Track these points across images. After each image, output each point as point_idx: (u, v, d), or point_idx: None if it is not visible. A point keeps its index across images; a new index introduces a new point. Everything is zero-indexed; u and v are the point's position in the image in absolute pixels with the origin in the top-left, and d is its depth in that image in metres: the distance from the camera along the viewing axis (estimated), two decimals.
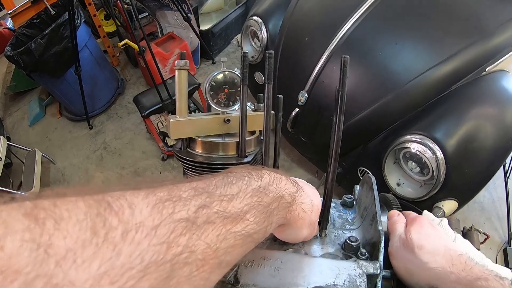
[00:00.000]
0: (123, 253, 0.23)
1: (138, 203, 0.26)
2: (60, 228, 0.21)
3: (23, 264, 0.19)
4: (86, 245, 0.21)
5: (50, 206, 0.22)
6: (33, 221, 0.20)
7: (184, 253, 0.27)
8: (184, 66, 0.59)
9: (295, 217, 0.46)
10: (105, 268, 0.22)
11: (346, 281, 0.47)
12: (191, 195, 0.31)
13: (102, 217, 0.23)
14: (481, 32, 1.54)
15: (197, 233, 0.29)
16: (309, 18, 1.92)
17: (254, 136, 0.64)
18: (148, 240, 0.25)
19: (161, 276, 0.25)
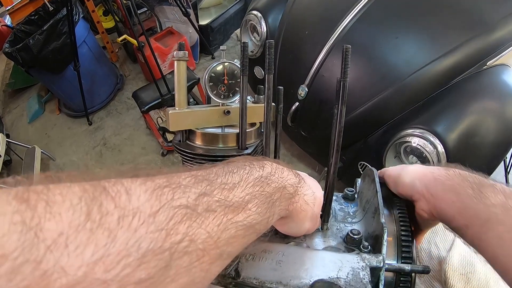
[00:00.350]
0: (119, 240, 0.22)
1: (136, 189, 0.25)
2: (52, 211, 0.20)
3: (11, 248, 0.17)
4: (79, 230, 0.20)
5: (43, 189, 0.20)
6: (24, 203, 0.19)
7: (184, 242, 0.26)
8: (183, 57, 0.58)
9: (297, 209, 0.45)
10: (99, 255, 0.20)
11: (349, 274, 0.46)
12: (191, 182, 0.30)
13: (97, 202, 0.22)
14: (482, 26, 1.53)
15: (197, 221, 0.28)
16: (309, 12, 1.91)
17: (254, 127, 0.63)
18: (145, 227, 0.24)
19: (159, 265, 0.24)
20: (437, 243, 0.96)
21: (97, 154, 2.87)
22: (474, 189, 0.49)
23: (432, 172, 0.57)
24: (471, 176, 0.52)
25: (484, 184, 0.50)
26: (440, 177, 0.55)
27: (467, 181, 0.51)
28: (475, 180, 0.51)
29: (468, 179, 0.51)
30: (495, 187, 0.48)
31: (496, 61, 1.55)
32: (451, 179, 0.53)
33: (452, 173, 0.54)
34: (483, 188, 0.49)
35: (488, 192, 0.48)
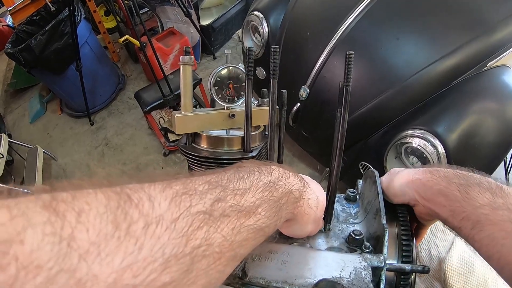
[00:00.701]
0: (145, 247, 0.23)
1: (156, 196, 0.26)
2: (81, 221, 0.21)
3: (45, 258, 0.18)
4: (108, 239, 0.21)
5: (69, 198, 0.21)
6: (53, 213, 0.20)
7: (203, 246, 0.28)
8: (189, 61, 0.59)
9: (301, 212, 0.47)
10: (128, 261, 0.22)
11: (352, 274, 0.47)
12: (206, 188, 0.32)
13: (123, 210, 0.23)
14: (483, 27, 1.54)
15: (214, 226, 0.29)
16: (311, 13, 1.92)
17: (259, 131, 0.64)
18: (168, 234, 0.25)
19: (181, 269, 0.25)
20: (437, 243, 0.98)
21: (99, 154, 2.88)
22: (461, 191, 0.50)
23: (419, 178, 0.57)
24: (456, 176, 0.53)
25: (470, 183, 0.50)
26: (427, 182, 0.56)
27: (453, 183, 0.52)
28: (461, 181, 0.51)
29: (454, 180, 0.52)
30: (481, 186, 0.49)
31: (497, 62, 1.56)
32: (438, 183, 0.54)
33: (437, 177, 0.55)
34: (469, 189, 0.49)
35: (474, 192, 0.49)
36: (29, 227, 0.19)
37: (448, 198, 0.51)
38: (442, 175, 0.54)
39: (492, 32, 1.52)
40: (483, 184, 0.49)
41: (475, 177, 0.52)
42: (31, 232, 0.18)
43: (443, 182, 0.53)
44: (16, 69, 3.52)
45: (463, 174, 0.53)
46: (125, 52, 3.71)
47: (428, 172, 0.57)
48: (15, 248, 0.18)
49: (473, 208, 0.47)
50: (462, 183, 0.51)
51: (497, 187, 0.48)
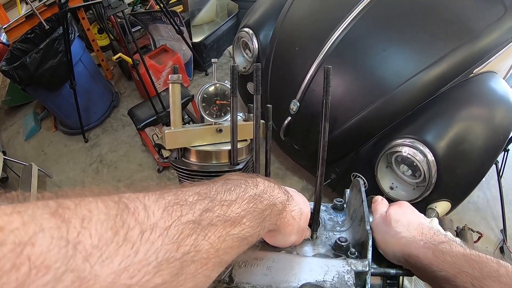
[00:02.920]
0: (140, 251, 0.26)
1: (151, 205, 0.29)
2: (85, 226, 0.23)
3: (53, 259, 0.21)
4: (108, 243, 0.24)
5: (72, 205, 0.24)
6: (60, 219, 0.22)
7: (191, 252, 0.30)
8: (177, 80, 0.62)
9: (284, 223, 0.49)
10: (125, 264, 0.24)
11: (334, 277, 0.49)
12: (196, 199, 0.35)
13: (121, 218, 0.26)
14: (467, 35, 1.58)
15: (202, 234, 0.32)
16: (299, 28, 1.96)
17: (245, 144, 0.67)
18: (161, 240, 0.28)
19: (172, 272, 0.28)
20: None
21: (93, 171, 2.88)
22: (475, 286, 0.44)
23: (417, 256, 0.52)
24: (468, 264, 0.46)
25: (486, 275, 0.44)
26: (429, 265, 0.50)
27: (465, 273, 0.46)
28: (475, 273, 0.45)
29: (466, 270, 0.46)
30: (501, 280, 0.43)
31: (483, 69, 1.60)
32: (444, 270, 0.48)
33: (442, 261, 0.49)
34: (486, 283, 0.43)
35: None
36: (40, 232, 0.21)
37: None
38: (450, 260, 0.48)
39: (477, 39, 1.56)
40: (502, 279, 0.43)
41: (492, 267, 0.45)
42: (41, 236, 0.21)
43: (451, 269, 0.47)
44: (11, 86, 3.53)
45: (477, 261, 0.46)
46: (118, 69, 3.73)
47: (429, 250, 0.51)
48: (28, 250, 0.20)
49: None
50: (476, 275, 0.45)
51: None
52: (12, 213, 0.21)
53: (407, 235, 0.56)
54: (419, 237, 0.55)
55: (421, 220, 0.60)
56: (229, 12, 3.72)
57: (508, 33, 1.59)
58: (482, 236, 1.82)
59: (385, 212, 0.63)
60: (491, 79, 1.61)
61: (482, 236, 1.82)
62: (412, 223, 0.58)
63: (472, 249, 0.49)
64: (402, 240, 0.56)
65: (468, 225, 1.80)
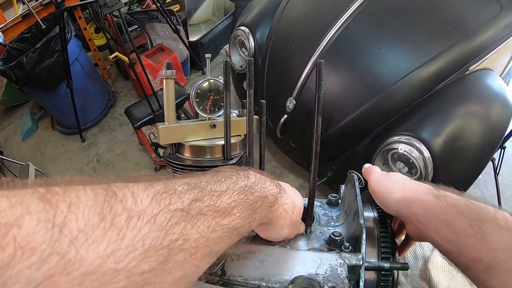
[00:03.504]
0: (126, 237, 0.26)
1: (139, 193, 0.29)
2: (72, 211, 0.23)
3: (39, 241, 0.21)
4: (95, 228, 0.24)
5: (61, 191, 0.24)
6: (48, 203, 0.23)
7: (179, 240, 0.30)
8: (171, 75, 0.62)
9: (276, 216, 0.49)
10: (111, 249, 0.24)
11: (327, 271, 0.49)
12: (185, 189, 0.35)
13: (108, 204, 0.26)
14: (463, 32, 1.58)
15: (190, 223, 0.32)
16: (295, 26, 1.96)
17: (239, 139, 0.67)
18: (148, 227, 0.28)
19: (159, 260, 0.28)
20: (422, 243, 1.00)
21: (91, 171, 2.89)
22: (473, 227, 0.44)
23: (421, 200, 0.52)
24: (467, 207, 0.47)
25: (484, 218, 0.45)
26: (431, 209, 0.50)
27: (463, 215, 0.46)
28: (473, 214, 0.46)
29: (465, 212, 0.46)
30: (498, 222, 0.43)
31: (479, 66, 1.60)
32: (444, 212, 0.49)
33: (444, 204, 0.49)
34: (483, 225, 0.44)
35: (490, 230, 0.43)
36: (26, 214, 0.21)
37: (455, 231, 0.47)
38: (451, 203, 0.49)
39: (473, 36, 1.57)
40: (499, 221, 0.44)
41: (489, 210, 0.46)
42: (28, 218, 0.21)
43: (450, 211, 0.48)
44: (8, 86, 3.52)
45: (475, 205, 0.47)
46: (115, 69, 3.74)
47: (432, 195, 0.51)
48: (14, 231, 0.20)
49: (488, 249, 0.42)
50: (474, 216, 0.45)
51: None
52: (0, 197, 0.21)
53: (411, 184, 0.56)
54: (423, 185, 0.55)
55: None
56: (226, 11, 3.72)
57: (504, 30, 1.59)
58: None
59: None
60: (487, 77, 1.62)
61: None
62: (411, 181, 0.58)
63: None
64: (408, 187, 0.56)
65: None
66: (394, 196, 0.56)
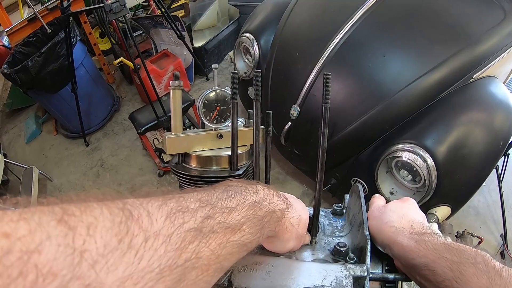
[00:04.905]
0: (144, 258, 0.26)
1: (154, 212, 0.30)
2: (90, 234, 0.24)
3: (60, 267, 0.21)
4: (113, 251, 0.24)
5: (78, 212, 0.24)
6: (66, 227, 0.23)
7: (193, 259, 0.31)
8: (178, 86, 0.63)
9: (283, 230, 0.50)
10: (129, 271, 0.25)
11: (333, 282, 0.50)
12: (197, 206, 0.35)
13: (125, 225, 0.26)
14: (467, 39, 1.58)
15: (203, 241, 0.33)
16: (299, 34, 1.97)
17: (245, 150, 0.67)
18: (164, 247, 0.28)
19: (175, 279, 0.29)
20: None
21: (94, 175, 2.89)
22: (453, 270, 0.46)
23: (402, 245, 0.54)
24: (448, 251, 0.48)
25: (464, 261, 0.46)
26: (410, 252, 0.53)
27: (444, 259, 0.48)
28: (454, 258, 0.47)
29: (445, 255, 0.48)
30: (477, 267, 0.44)
31: (483, 73, 1.60)
32: (424, 255, 0.50)
33: (424, 248, 0.51)
34: (463, 268, 0.45)
35: (469, 274, 0.44)
36: (46, 240, 0.21)
37: (435, 273, 0.48)
38: (431, 247, 0.50)
39: (476, 44, 1.57)
40: (479, 265, 0.45)
41: (470, 254, 0.47)
42: (48, 244, 0.21)
43: (430, 255, 0.50)
44: (12, 89, 3.54)
45: (456, 249, 0.48)
46: (120, 74, 3.75)
47: (413, 240, 0.54)
48: (35, 258, 0.20)
49: None
50: (454, 260, 0.47)
51: (495, 272, 0.43)
52: (18, 220, 0.21)
53: (398, 225, 0.59)
54: (408, 229, 0.57)
55: (416, 216, 0.62)
56: (230, 17, 3.74)
57: (508, 37, 1.59)
58: (482, 240, 1.82)
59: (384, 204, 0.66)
60: (491, 84, 1.62)
61: (482, 241, 1.82)
62: (406, 216, 0.60)
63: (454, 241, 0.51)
64: (392, 229, 0.58)
65: (468, 229, 1.80)
66: (382, 236, 0.59)
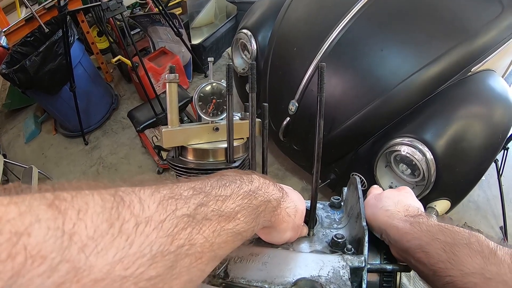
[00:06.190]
0: (135, 243, 0.26)
1: (146, 199, 0.30)
2: (81, 218, 0.24)
3: (49, 249, 0.21)
4: (104, 235, 0.24)
5: (69, 197, 0.24)
6: (56, 211, 0.23)
7: (186, 245, 0.31)
8: (174, 79, 0.63)
9: (279, 220, 0.50)
10: (119, 255, 0.25)
11: (330, 273, 0.50)
12: (191, 194, 0.35)
13: (116, 210, 0.26)
14: (465, 33, 1.58)
15: (196, 228, 0.33)
16: (297, 29, 1.97)
17: (242, 142, 0.67)
18: (155, 233, 0.28)
19: (166, 265, 0.28)
20: None
21: (94, 174, 2.89)
22: (446, 252, 0.46)
23: (397, 227, 0.54)
24: (441, 232, 0.48)
25: (457, 242, 0.46)
26: (405, 234, 0.53)
27: (437, 240, 0.48)
28: (447, 239, 0.47)
29: (438, 236, 0.48)
30: (471, 247, 0.44)
31: (481, 67, 1.60)
32: (418, 237, 0.50)
33: (418, 230, 0.51)
34: (456, 250, 0.45)
35: (462, 254, 0.44)
36: (36, 222, 0.21)
37: (429, 255, 0.48)
38: (425, 229, 0.50)
39: (474, 38, 1.57)
40: (473, 246, 0.45)
41: (463, 235, 0.47)
42: (37, 227, 0.21)
43: (424, 237, 0.50)
44: (11, 89, 3.54)
45: (450, 230, 0.48)
46: (118, 72, 3.74)
47: (408, 222, 0.54)
48: (24, 239, 0.20)
49: (461, 274, 0.43)
50: (448, 241, 0.47)
51: (490, 251, 0.43)
52: (9, 204, 0.21)
53: (392, 209, 0.59)
54: (403, 212, 0.58)
55: (412, 202, 0.62)
56: (228, 14, 3.73)
57: (506, 31, 1.59)
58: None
59: (380, 192, 0.67)
60: (489, 78, 1.62)
61: None
62: (401, 202, 0.61)
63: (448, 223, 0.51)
64: (386, 213, 0.59)
65: (468, 223, 1.80)
66: (378, 221, 0.59)
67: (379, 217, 0.59)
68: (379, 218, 0.59)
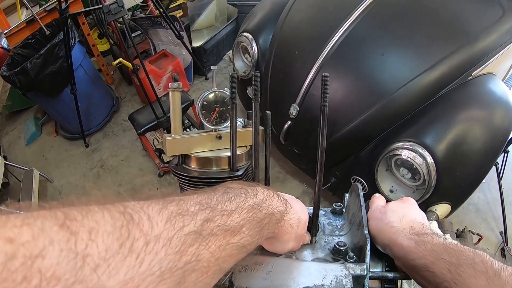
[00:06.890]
0: (144, 262, 0.27)
1: (154, 216, 0.30)
2: (92, 238, 0.24)
3: (63, 271, 0.22)
4: (115, 255, 0.25)
5: (79, 217, 0.25)
6: (68, 232, 0.23)
7: (193, 261, 0.32)
8: (178, 87, 0.63)
9: (282, 231, 0.50)
10: (130, 274, 0.25)
11: (332, 282, 0.50)
12: (197, 209, 0.36)
13: (126, 229, 0.27)
14: (465, 37, 1.58)
15: (203, 244, 0.34)
16: (298, 32, 1.97)
17: (245, 150, 0.68)
18: (164, 250, 0.29)
19: (175, 281, 0.29)
20: None
21: (94, 176, 2.89)
22: (451, 272, 0.46)
23: (402, 246, 0.55)
24: (446, 252, 0.49)
25: (462, 262, 0.46)
26: (410, 253, 0.53)
27: (442, 260, 0.48)
28: (452, 259, 0.47)
29: (444, 257, 0.48)
30: (476, 268, 0.45)
31: (482, 71, 1.61)
32: (423, 257, 0.51)
33: (423, 249, 0.52)
34: (461, 270, 0.46)
35: (468, 275, 0.45)
36: (49, 245, 0.22)
37: (434, 275, 0.48)
38: (430, 248, 0.51)
39: (475, 41, 1.57)
40: (477, 266, 0.45)
41: (468, 255, 0.47)
42: (51, 249, 0.22)
43: (429, 256, 0.50)
44: (12, 91, 3.54)
45: (454, 250, 0.49)
46: (119, 74, 3.75)
47: (413, 240, 0.54)
48: (38, 262, 0.21)
49: None
50: (453, 261, 0.47)
51: (494, 272, 0.44)
52: (22, 226, 0.22)
53: (398, 225, 0.59)
54: (408, 229, 0.57)
55: (416, 216, 0.62)
56: (229, 17, 3.73)
57: (507, 35, 1.59)
58: (482, 238, 1.82)
59: (385, 204, 0.67)
60: (490, 81, 1.62)
61: (482, 238, 1.82)
62: (406, 217, 0.61)
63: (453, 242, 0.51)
64: (392, 229, 0.59)
65: (468, 227, 1.80)
66: (382, 236, 0.60)
67: (384, 233, 0.60)
68: (384, 233, 0.60)
